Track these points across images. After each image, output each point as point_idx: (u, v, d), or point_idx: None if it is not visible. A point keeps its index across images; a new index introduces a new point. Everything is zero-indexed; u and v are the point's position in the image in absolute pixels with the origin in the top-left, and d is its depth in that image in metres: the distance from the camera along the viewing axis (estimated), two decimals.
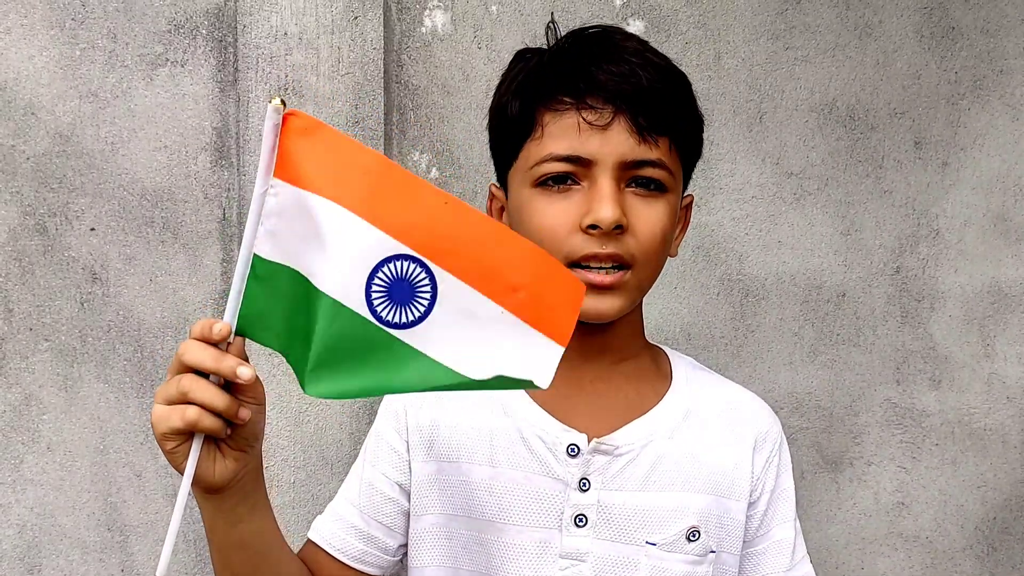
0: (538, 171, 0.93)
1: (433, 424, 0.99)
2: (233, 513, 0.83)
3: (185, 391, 0.75)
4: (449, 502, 0.97)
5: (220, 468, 0.79)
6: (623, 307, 0.94)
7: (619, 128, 0.92)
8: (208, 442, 0.78)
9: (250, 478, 0.83)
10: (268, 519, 0.88)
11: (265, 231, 0.74)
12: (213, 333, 0.75)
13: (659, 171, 0.93)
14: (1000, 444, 1.57)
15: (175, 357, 0.76)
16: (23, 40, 1.35)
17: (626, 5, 1.48)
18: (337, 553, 0.99)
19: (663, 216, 0.94)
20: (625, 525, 0.95)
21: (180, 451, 0.77)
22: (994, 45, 1.54)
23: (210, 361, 0.74)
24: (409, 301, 0.75)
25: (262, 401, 0.79)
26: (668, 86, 0.96)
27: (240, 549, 0.86)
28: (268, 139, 0.73)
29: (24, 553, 1.37)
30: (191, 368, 0.75)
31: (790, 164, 1.52)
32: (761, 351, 1.53)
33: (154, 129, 1.38)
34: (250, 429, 0.79)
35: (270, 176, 0.74)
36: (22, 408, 1.37)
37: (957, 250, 1.55)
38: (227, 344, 0.76)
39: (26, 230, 1.36)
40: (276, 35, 1.35)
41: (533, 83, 0.96)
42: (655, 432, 0.97)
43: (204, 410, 0.74)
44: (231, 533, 0.85)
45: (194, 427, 0.75)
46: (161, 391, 0.76)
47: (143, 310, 1.39)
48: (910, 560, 1.57)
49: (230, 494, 0.82)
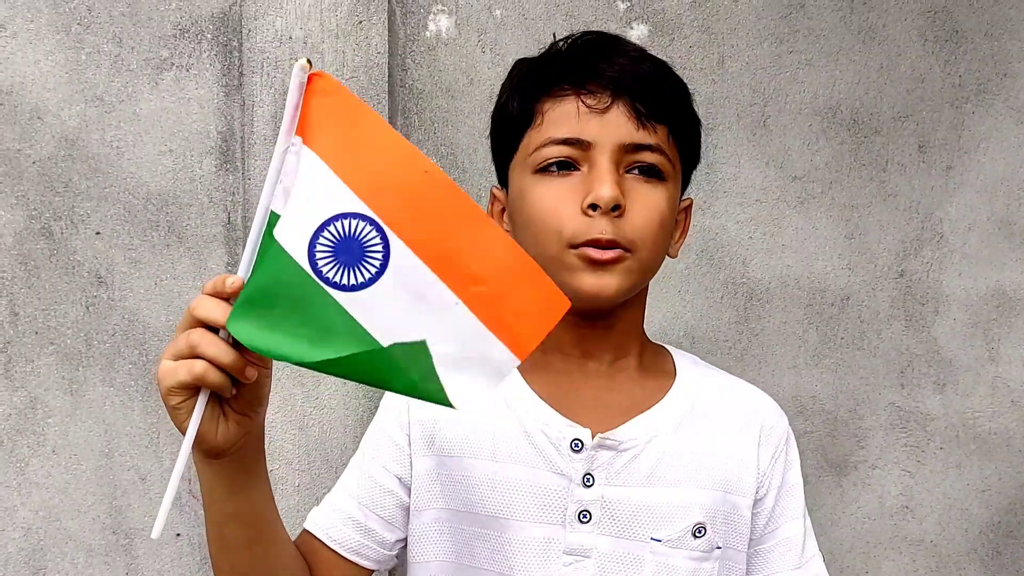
0: (538, 156, 0.94)
1: (435, 418, 0.99)
2: (232, 482, 0.83)
3: (194, 344, 0.74)
4: (451, 497, 0.97)
5: (223, 430, 0.78)
6: (621, 287, 0.93)
7: (618, 112, 0.92)
8: (212, 403, 0.77)
9: (251, 447, 0.82)
10: (266, 493, 0.87)
11: (282, 188, 0.73)
12: (226, 286, 0.74)
13: (658, 156, 0.93)
14: (1005, 448, 1.57)
15: (186, 311, 0.76)
16: (29, 44, 1.36)
17: (630, 9, 1.48)
18: (333, 544, 0.99)
19: (662, 202, 0.94)
20: (630, 521, 0.94)
21: (184, 407, 0.76)
22: (998, 48, 1.54)
23: (221, 315, 0.74)
24: (355, 263, 0.71)
25: (268, 364, 0.79)
26: (666, 79, 0.97)
27: (236, 521, 0.85)
28: (292, 98, 0.73)
29: (29, 556, 1.38)
30: (201, 323, 0.75)
31: (794, 168, 1.52)
32: (765, 355, 1.53)
33: (159, 133, 1.39)
34: (255, 392, 0.79)
35: (292, 135, 0.73)
36: (27, 411, 1.37)
37: (961, 254, 1.55)
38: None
39: (32, 234, 1.37)
40: (281, 39, 1.35)
41: (533, 79, 0.97)
42: (659, 427, 0.97)
43: (211, 365, 0.74)
44: (228, 503, 0.84)
45: (200, 381, 0.74)
46: (169, 347, 0.76)
47: (148, 314, 1.39)
48: (915, 564, 1.57)
49: (230, 461, 0.81)
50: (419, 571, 0.99)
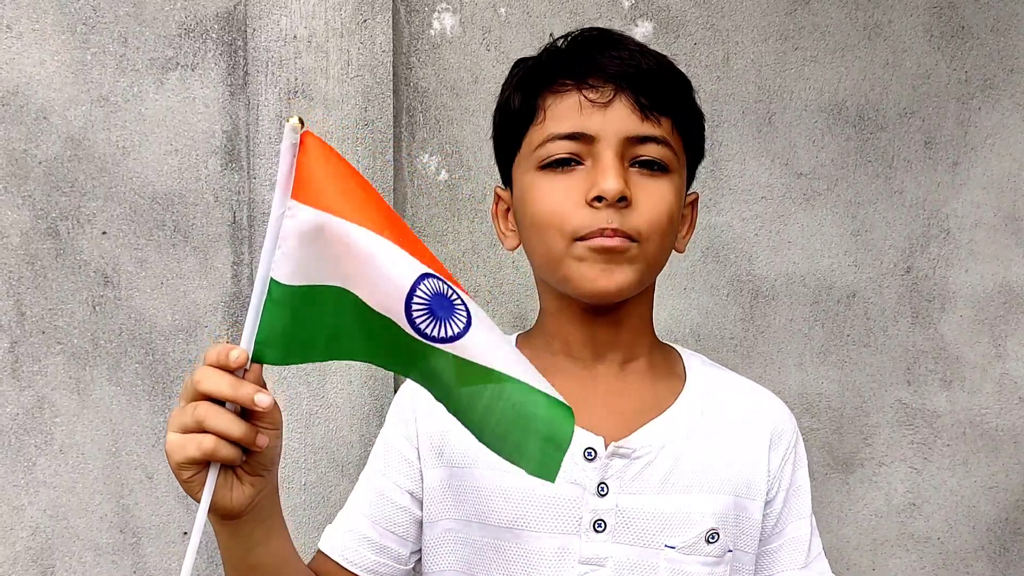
0: (542, 152, 0.93)
1: (443, 429, 0.98)
2: (249, 538, 0.82)
3: (201, 419, 0.73)
4: (463, 508, 0.96)
5: (237, 494, 0.77)
6: (630, 280, 0.92)
7: (621, 105, 0.92)
8: (225, 469, 0.76)
9: (267, 502, 0.81)
10: (284, 540, 0.87)
11: (282, 254, 0.72)
12: (230, 360, 0.73)
13: (662, 149, 0.93)
14: (1012, 444, 1.56)
15: (189, 384, 0.74)
16: (35, 45, 1.36)
17: (635, 6, 1.48)
18: (350, 565, 0.98)
19: (667, 193, 0.93)
20: (644, 529, 0.94)
21: (196, 480, 0.75)
22: (1004, 44, 1.54)
23: (228, 389, 0.72)
24: (449, 316, 0.74)
25: (279, 426, 0.78)
26: (669, 71, 0.96)
27: (256, 572, 0.85)
28: (285, 160, 0.71)
29: (37, 555, 1.38)
30: (207, 396, 0.73)
31: (799, 165, 1.52)
32: (771, 352, 1.52)
33: (165, 133, 1.39)
34: (267, 454, 0.78)
35: (287, 198, 0.71)
36: (35, 411, 1.38)
37: (968, 250, 1.55)
38: (243, 371, 0.74)
39: (38, 234, 1.37)
40: (285, 39, 1.35)
41: (534, 75, 0.97)
42: (672, 433, 0.96)
43: (221, 439, 0.73)
44: (247, 557, 0.84)
45: (211, 457, 0.73)
46: (175, 418, 0.74)
47: (154, 313, 1.40)
48: (922, 561, 1.56)
49: (246, 519, 0.80)
50: None
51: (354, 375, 1.38)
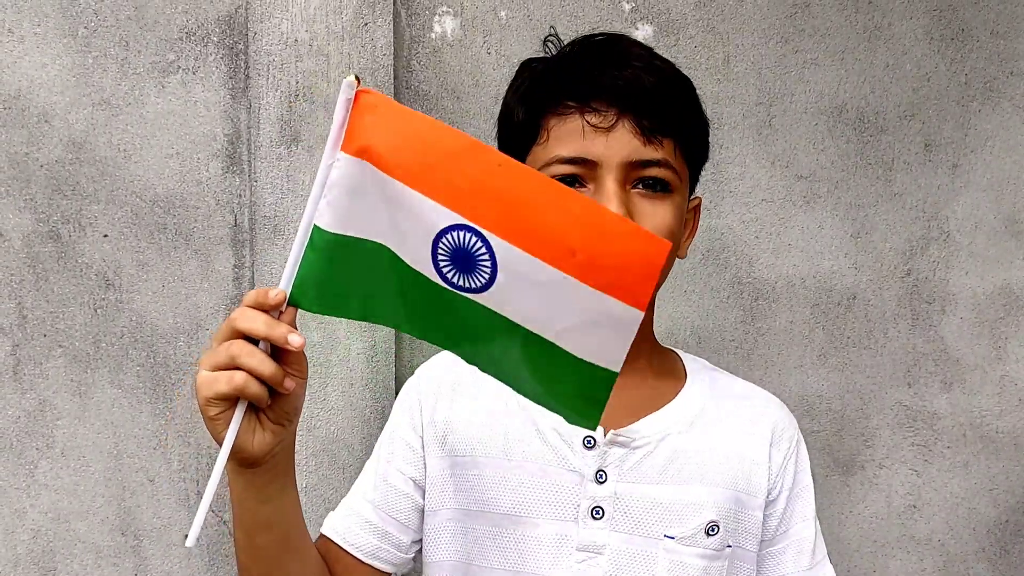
0: (545, 173, 0.93)
1: (447, 419, 1.00)
2: (264, 491, 0.84)
3: (234, 355, 0.75)
4: (464, 497, 0.98)
5: (259, 439, 0.79)
6: None
7: (623, 130, 0.92)
8: (248, 413, 0.78)
9: (283, 456, 0.83)
10: (295, 504, 0.88)
11: (327, 203, 0.75)
12: (269, 299, 0.76)
13: (664, 171, 0.94)
14: (1012, 447, 1.57)
15: (226, 323, 0.77)
16: (36, 48, 1.36)
17: (635, 9, 1.48)
18: (351, 548, 1.00)
19: (668, 216, 0.94)
20: (642, 518, 0.95)
21: (222, 418, 0.77)
22: (1004, 47, 1.54)
23: (263, 326, 0.75)
24: (473, 270, 0.74)
25: (305, 375, 0.80)
26: (672, 89, 0.96)
27: (266, 529, 0.86)
28: (339, 114, 0.74)
29: (39, 558, 1.38)
30: (242, 334, 0.75)
31: (800, 167, 1.52)
32: (771, 354, 1.53)
33: (166, 136, 1.39)
34: (291, 402, 0.80)
35: (337, 150, 0.74)
36: (36, 414, 1.38)
37: (968, 252, 1.55)
38: (279, 312, 0.77)
39: (40, 237, 1.37)
40: (287, 42, 1.36)
41: (538, 89, 0.97)
42: (672, 426, 0.98)
43: (251, 377, 0.75)
44: (259, 511, 0.85)
45: (240, 392, 0.75)
46: (208, 357, 0.77)
47: (156, 316, 1.40)
48: (922, 563, 1.56)
49: (263, 470, 0.82)
50: (433, 571, 1.00)
51: (355, 378, 1.38)
